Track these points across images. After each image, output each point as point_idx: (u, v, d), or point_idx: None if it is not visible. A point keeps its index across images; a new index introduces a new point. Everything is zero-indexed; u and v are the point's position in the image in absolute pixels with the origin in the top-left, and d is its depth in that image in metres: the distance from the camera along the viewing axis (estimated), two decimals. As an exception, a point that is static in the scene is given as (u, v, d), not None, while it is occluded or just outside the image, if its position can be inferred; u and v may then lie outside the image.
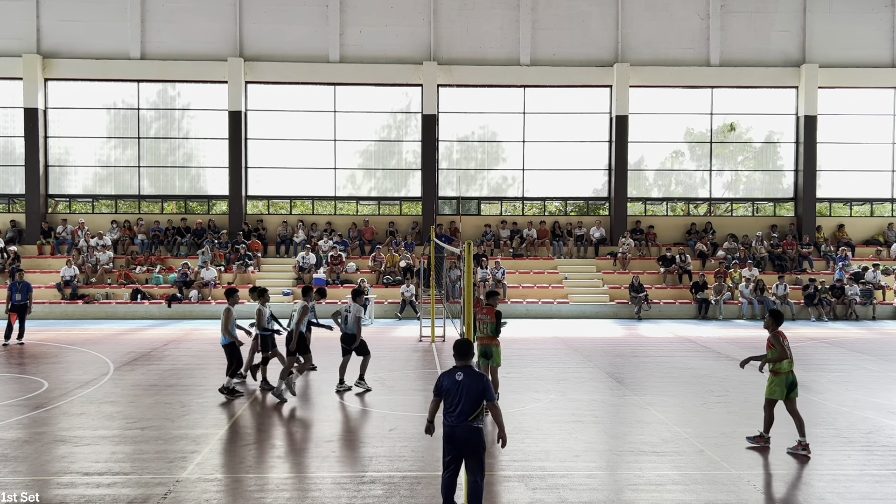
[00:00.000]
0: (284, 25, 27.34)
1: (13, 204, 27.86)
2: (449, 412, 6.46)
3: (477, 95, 28.18)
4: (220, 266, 25.45)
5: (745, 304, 23.98)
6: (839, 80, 28.00)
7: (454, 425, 6.42)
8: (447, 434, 6.49)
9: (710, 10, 27.71)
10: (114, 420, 10.42)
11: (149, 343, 17.83)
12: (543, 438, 9.45)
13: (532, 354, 16.16)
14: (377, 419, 10.49)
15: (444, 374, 6.62)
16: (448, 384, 6.51)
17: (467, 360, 6.65)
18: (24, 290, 17.46)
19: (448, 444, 6.49)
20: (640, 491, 7.62)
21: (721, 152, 28.96)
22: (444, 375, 6.62)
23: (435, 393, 6.66)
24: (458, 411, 6.41)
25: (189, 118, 28.07)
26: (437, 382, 6.65)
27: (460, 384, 6.45)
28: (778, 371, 9.04)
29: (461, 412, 6.41)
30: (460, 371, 6.54)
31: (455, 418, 6.42)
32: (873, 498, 7.49)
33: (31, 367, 14.39)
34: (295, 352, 11.85)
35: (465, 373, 6.52)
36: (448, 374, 6.58)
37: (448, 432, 6.48)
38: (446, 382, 6.53)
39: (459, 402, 6.41)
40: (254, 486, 7.71)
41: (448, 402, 6.48)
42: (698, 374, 14.11)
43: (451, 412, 6.45)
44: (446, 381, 6.53)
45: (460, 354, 6.65)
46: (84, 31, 27.02)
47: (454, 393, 6.44)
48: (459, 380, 6.48)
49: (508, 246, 27.23)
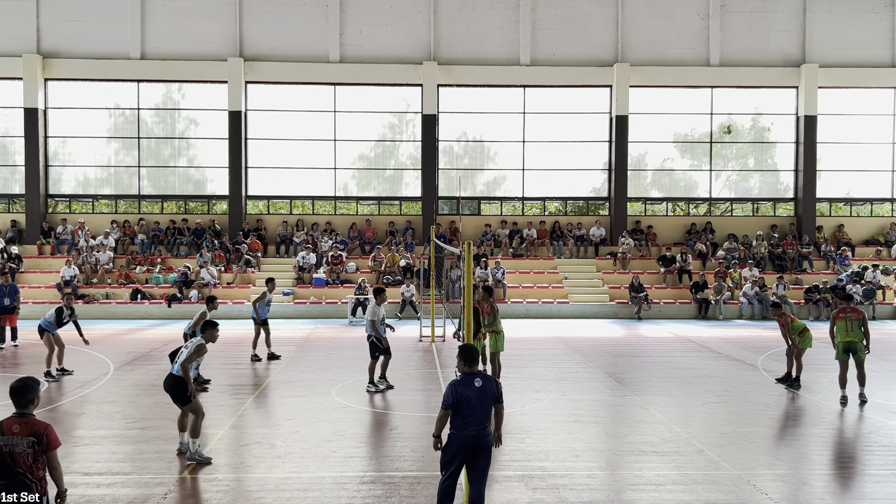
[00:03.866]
0: (284, 25, 27.33)
1: (13, 204, 27.86)
2: (468, 422, 6.16)
3: (477, 95, 28.18)
4: (219, 266, 25.44)
5: (745, 304, 23.99)
6: (839, 80, 28.00)
7: (475, 434, 6.15)
8: (463, 445, 6.18)
9: (710, 10, 27.71)
10: (114, 420, 10.43)
11: (149, 343, 17.84)
12: (543, 438, 9.45)
13: (532, 354, 16.16)
14: (377, 419, 10.49)
15: (459, 384, 6.26)
16: (467, 393, 6.18)
17: (476, 365, 6.43)
18: (13, 293, 17.18)
19: (461, 452, 6.20)
20: (640, 491, 7.62)
21: (721, 152, 28.96)
22: (458, 385, 6.25)
23: (447, 406, 6.23)
24: (477, 419, 6.16)
25: (189, 118, 28.07)
26: (450, 394, 6.22)
27: (480, 391, 6.22)
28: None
29: (481, 420, 6.19)
30: (477, 377, 6.29)
31: (475, 427, 6.15)
32: (873, 498, 7.49)
33: (31, 368, 14.38)
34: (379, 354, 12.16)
35: (482, 378, 6.32)
36: (463, 384, 6.25)
37: (464, 443, 6.17)
38: (465, 392, 6.19)
39: (480, 410, 6.18)
40: (254, 486, 7.71)
41: (468, 411, 6.16)
42: (698, 374, 14.12)
43: (470, 421, 6.15)
44: (465, 391, 6.20)
45: (471, 360, 6.38)
46: (84, 31, 27.02)
47: (475, 401, 6.16)
48: (479, 386, 6.24)
49: (508, 246, 27.23)
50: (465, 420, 6.17)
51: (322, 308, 23.82)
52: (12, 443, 5.18)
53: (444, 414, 6.31)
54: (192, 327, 13.07)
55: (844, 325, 11.41)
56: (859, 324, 11.34)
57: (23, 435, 5.20)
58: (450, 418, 6.28)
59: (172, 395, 8.54)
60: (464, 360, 6.37)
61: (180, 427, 8.75)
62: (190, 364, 8.52)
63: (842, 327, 11.42)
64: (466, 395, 6.17)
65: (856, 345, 11.32)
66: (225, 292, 24.22)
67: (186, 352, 8.60)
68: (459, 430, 6.20)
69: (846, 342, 11.31)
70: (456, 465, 6.26)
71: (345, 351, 16.68)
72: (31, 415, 5.32)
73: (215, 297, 14.30)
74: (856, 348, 11.34)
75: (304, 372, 14.05)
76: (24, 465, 5.19)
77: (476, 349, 6.56)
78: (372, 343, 12.24)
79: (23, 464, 5.19)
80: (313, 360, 15.36)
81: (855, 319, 11.38)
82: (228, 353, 15.93)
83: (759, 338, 19.27)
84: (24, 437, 5.19)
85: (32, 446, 5.20)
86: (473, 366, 6.37)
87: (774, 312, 13.10)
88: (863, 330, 11.35)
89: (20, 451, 5.18)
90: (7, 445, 5.18)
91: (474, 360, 6.40)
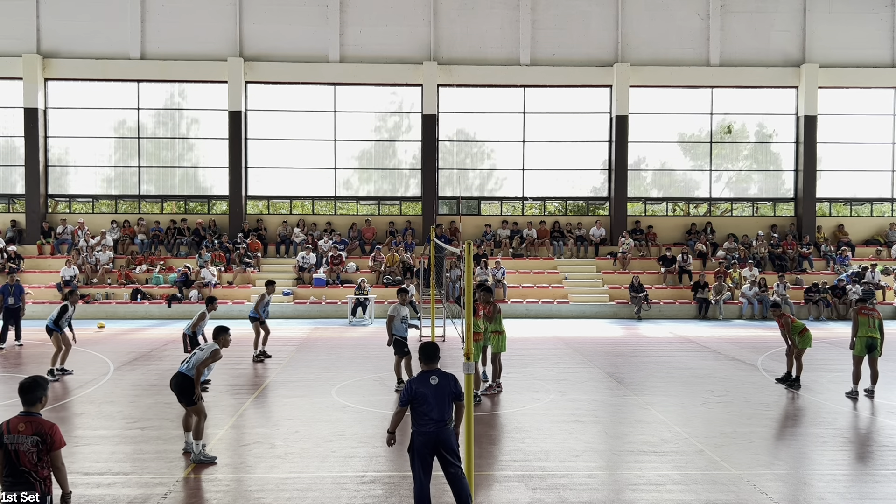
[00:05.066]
0: (284, 25, 27.34)
1: (13, 204, 27.86)
2: (426, 419, 6.27)
3: (477, 95, 28.18)
4: (219, 266, 25.44)
5: (745, 304, 23.99)
6: (839, 80, 28.01)
7: (434, 431, 6.26)
8: (424, 441, 6.28)
9: (710, 10, 27.71)
10: (114, 420, 10.43)
11: (149, 343, 17.83)
12: (543, 438, 9.45)
13: (532, 354, 16.16)
14: (377, 419, 10.49)
15: (414, 382, 6.39)
16: (423, 391, 6.30)
17: (435, 363, 6.52)
18: (18, 292, 17.35)
19: (423, 449, 6.29)
20: (640, 491, 7.62)
21: (721, 152, 28.96)
22: (413, 382, 6.40)
23: (402, 403, 6.39)
24: (436, 417, 6.27)
25: (189, 118, 28.07)
26: (405, 391, 6.40)
27: (436, 388, 6.32)
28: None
29: (440, 417, 6.29)
30: (433, 375, 6.39)
31: (434, 424, 6.27)
32: (873, 498, 7.49)
33: (31, 368, 14.39)
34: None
35: (438, 375, 6.42)
36: (419, 381, 6.38)
37: (425, 440, 6.28)
38: (421, 389, 6.31)
39: (437, 407, 6.27)
40: (254, 486, 7.71)
41: (424, 409, 6.28)
42: (698, 374, 14.11)
43: (427, 418, 6.27)
44: (421, 388, 6.32)
45: (429, 358, 6.49)
46: (84, 31, 27.02)
47: (431, 398, 6.27)
48: (435, 384, 6.34)
49: (508, 246, 27.23)
50: (422, 417, 6.32)
51: (322, 308, 23.82)
52: (17, 441, 5.21)
53: (399, 411, 6.51)
54: (192, 328, 13.12)
55: (867, 321, 11.83)
56: (879, 322, 11.85)
57: (28, 433, 5.22)
58: (410, 416, 6.43)
59: (179, 394, 8.55)
60: (422, 358, 6.52)
61: (185, 427, 8.77)
62: (204, 367, 8.55)
63: (864, 323, 11.81)
64: (422, 393, 6.32)
65: (876, 341, 11.75)
66: (225, 292, 24.22)
67: (201, 354, 8.61)
68: (419, 427, 6.35)
69: (869, 337, 11.73)
70: (421, 464, 6.31)
71: (345, 351, 16.68)
72: (37, 414, 5.35)
73: (215, 298, 14.44)
74: (876, 344, 11.76)
75: (304, 372, 14.05)
76: (28, 463, 5.22)
77: (436, 346, 6.60)
78: (396, 341, 12.28)
79: (27, 462, 5.21)
80: (313, 360, 15.36)
81: (876, 318, 11.84)
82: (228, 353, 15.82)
83: (759, 338, 19.27)
84: (28, 436, 5.22)
85: (37, 445, 5.22)
86: (431, 364, 6.50)
87: (774, 313, 13.13)
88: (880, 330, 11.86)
89: (25, 450, 5.21)
90: (13, 443, 5.21)
91: (431, 357, 6.51)
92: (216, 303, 14.11)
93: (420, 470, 6.32)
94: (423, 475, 6.33)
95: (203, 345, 8.85)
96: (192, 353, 8.78)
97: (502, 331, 12.37)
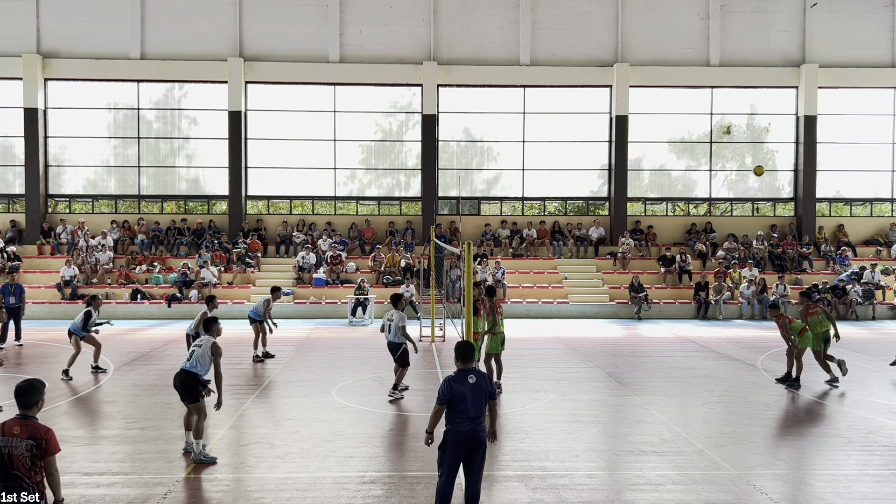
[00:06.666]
0: (284, 25, 27.34)
1: (13, 204, 27.85)
2: (462, 417, 6.28)
3: (477, 95, 28.18)
4: (219, 266, 25.44)
5: (744, 304, 23.99)
6: (839, 80, 28.01)
7: (470, 430, 6.27)
8: (459, 440, 6.28)
9: (710, 10, 27.71)
10: (114, 420, 10.42)
11: (149, 343, 17.83)
12: (543, 438, 9.45)
13: (532, 354, 16.16)
14: (377, 419, 10.49)
15: (452, 380, 6.39)
16: (462, 389, 6.31)
17: (471, 362, 6.52)
18: (18, 292, 17.43)
19: (457, 448, 6.29)
20: (640, 491, 7.62)
21: (720, 152, 28.96)
22: (451, 381, 6.38)
23: (441, 402, 6.36)
24: (472, 415, 6.28)
25: (189, 118, 28.07)
26: (443, 389, 6.35)
27: (474, 387, 6.33)
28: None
29: (476, 415, 6.31)
30: (471, 374, 6.40)
31: (471, 422, 6.28)
32: (873, 498, 7.49)
33: (31, 368, 14.39)
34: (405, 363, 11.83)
35: (476, 374, 6.43)
36: (457, 380, 6.37)
37: (460, 438, 6.28)
38: (460, 388, 6.32)
39: (474, 405, 6.28)
40: (254, 486, 7.71)
41: (462, 407, 6.28)
42: (698, 374, 14.12)
43: (464, 417, 6.28)
44: (459, 387, 6.32)
45: (466, 357, 6.49)
46: (84, 31, 27.02)
47: (469, 396, 6.28)
48: (473, 382, 6.35)
49: (508, 246, 27.23)
50: (459, 416, 6.29)
51: (322, 308, 23.83)
52: (11, 444, 5.15)
53: (438, 409, 6.44)
54: (195, 328, 13.14)
55: (817, 318, 12.93)
56: (826, 315, 13.01)
57: (22, 437, 5.16)
58: (445, 415, 6.39)
59: (183, 391, 8.55)
60: (460, 357, 6.50)
61: (186, 426, 8.77)
62: (221, 367, 8.59)
63: (816, 321, 12.90)
64: (461, 391, 6.30)
65: (829, 333, 12.91)
66: (225, 292, 24.22)
67: (200, 351, 8.57)
68: (455, 426, 6.31)
69: (825, 332, 12.87)
70: (452, 462, 6.33)
71: (345, 351, 16.68)
72: (33, 417, 5.29)
73: (215, 297, 14.49)
74: (829, 337, 12.89)
75: (304, 372, 14.05)
76: (21, 467, 5.15)
77: (472, 346, 6.63)
78: (404, 350, 11.80)
79: (20, 466, 5.15)
80: (313, 360, 15.36)
81: (820, 313, 12.99)
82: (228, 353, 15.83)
83: (758, 338, 19.27)
84: (23, 440, 5.15)
85: (31, 450, 5.15)
86: (468, 362, 6.48)
87: (773, 313, 13.18)
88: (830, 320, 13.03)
89: (18, 454, 5.14)
90: (6, 447, 5.15)
91: (469, 356, 6.50)
92: (216, 301, 14.27)
93: (451, 466, 6.34)
94: (452, 472, 6.35)
95: (199, 340, 8.80)
96: (192, 350, 8.79)
97: (500, 332, 12.36)
